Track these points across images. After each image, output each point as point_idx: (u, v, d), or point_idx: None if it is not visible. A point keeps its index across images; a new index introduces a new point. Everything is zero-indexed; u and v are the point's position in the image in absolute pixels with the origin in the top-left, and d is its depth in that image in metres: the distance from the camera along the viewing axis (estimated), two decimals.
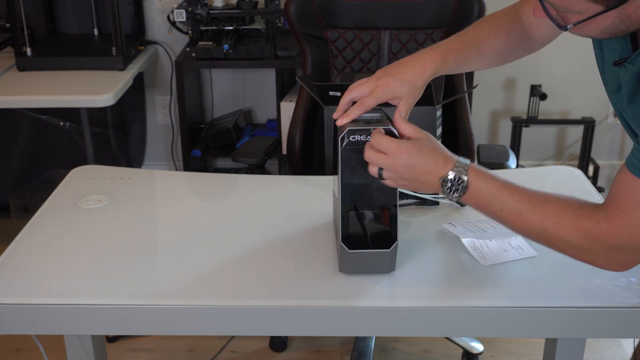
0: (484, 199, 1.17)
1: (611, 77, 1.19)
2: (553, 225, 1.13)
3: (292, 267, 1.34)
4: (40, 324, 1.26)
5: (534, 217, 1.14)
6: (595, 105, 3.13)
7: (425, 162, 1.18)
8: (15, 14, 2.60)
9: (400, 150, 1.17)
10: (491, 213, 1.19)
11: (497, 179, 1.18)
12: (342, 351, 2.33)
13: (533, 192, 1.17)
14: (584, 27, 1.07)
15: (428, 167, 1.18)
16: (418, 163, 1.17)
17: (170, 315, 1.24)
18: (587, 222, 1.11)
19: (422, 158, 1.17)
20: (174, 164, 3.27)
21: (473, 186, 1.17)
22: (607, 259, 1.13)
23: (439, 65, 1.33)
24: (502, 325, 1.25)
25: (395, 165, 1.17)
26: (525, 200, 1.15)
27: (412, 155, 1.17)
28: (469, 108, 2.13)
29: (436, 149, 1.20)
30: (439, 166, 1.18)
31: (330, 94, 1.84)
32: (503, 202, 1.16)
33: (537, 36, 1.41)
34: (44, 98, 2.45)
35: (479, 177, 1.17)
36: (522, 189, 1.17)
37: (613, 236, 1.10)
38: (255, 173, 2.04)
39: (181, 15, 2.73)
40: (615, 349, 2.35)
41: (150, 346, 2.36)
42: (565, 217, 1.13)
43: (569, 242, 1.13)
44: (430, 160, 1.18)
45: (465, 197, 1.18)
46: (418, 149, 1.18)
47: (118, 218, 1.52)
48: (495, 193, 1.16)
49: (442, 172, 1.17)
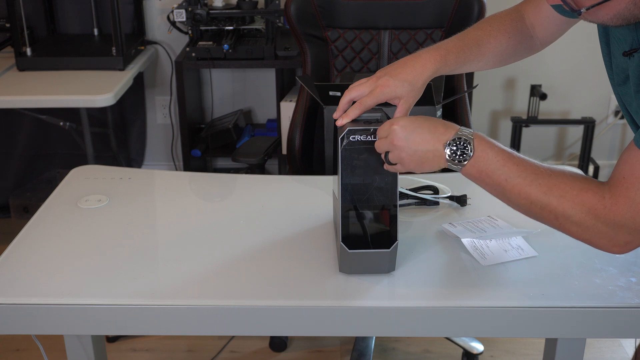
0: (488, 167, 1.15)
1: (618, 69, 1.19)
2: (557, 199, 1.11)
3: (292, 267, 1.34)
4: (40, 324, 1.26)
5: (538, 189, 1.12)
6: (595, 105, 3.13)
7: (422, 129, 1.17)
8: (15, 14, 2.60)
9: (393, 125, 1.17)
10: (494, 183, 1.16)
11: (503, 148, 1.16)
12: (342, 351, 2.33)
13: (539, 165, 1.15)
14: (597, 12, 1.05)
15: (426, 135, 1.17)
16: (414, 132, 1.17)
17: (170, 315, 1.24)
18: (592, 197, 1.10)
19: (417, 127, 1.17)
20: (174, 164, 3.27)
21: (479, 151, 1.15)
22: (609, 238, 1.11)
23: (439, 65, 1.33)
24: (502, 325, 1.25)
25: (394, 142, 1.17)
26: (531, 171, 1.13)
27: (406, 125, 1.17)
28: (469, 108, 2.13)
29: (433, 120, 1.19)
30: (439, 132, 1.17)
31: (330, 94, 1.84)
32: (508, 171, 1.14)
33: (539, 36, 1.41)
34: (44, 98, 2.45)
35: (485, 144, 1.16)
36: (528, 160, 1.15)
37: (617, 213, 1.08)
38: (255, 173, 2.04)
39: (181, 15, 2.73)
40: (615, 349, 2.35)
41: (150, 346, 2.36)
42: (570, 191, 1.11)
43: (571, 217, 1.11)
44: (427, 128, 1.17)
45: (470, 164, 1.15)
46: (412, 120, 1.18)
47: (118, 218, 1.52)
48: (501, 162, 1.14)
49: (445, 137, 1.16)
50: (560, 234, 1.32)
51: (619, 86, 1.20)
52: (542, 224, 1.16)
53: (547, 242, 1.39)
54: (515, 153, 1.16)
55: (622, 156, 1.11)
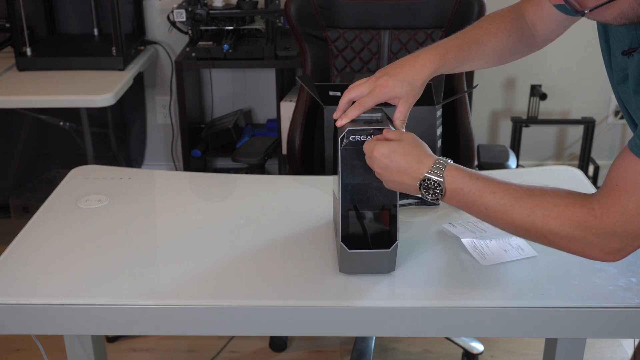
0: (465, 200, 1.16)
1: (617, 68, 1.19)
2: (542, 218, 1.11)
3: (292, 267, 1.34)
4: (40, 324, 1.26)
5: (519, 212, 1.12)
6: (595, 105, 3.13)
7: (398, 163, 1.18)
8: (15, 14, 2.60)
9: (374, 152, 1.19)
10: (476, 213, 1.17)
11: (477, 177, 1.16)
12: (342, 351, 2.33)
13: (517, 187, 1.14)
14: (602, 12, 1.04)
15: (402, 169, 1.18)
16: (391, 164, 1.18)
17: (170, 315, 1.24)
18: (579, 211, 1.09)
19: (394, 159, 1.18)
20: (174, 164, 3.27)
21: (452, 187, 1.15)
22: (600, 247, 1.10)
23: (439, 65, 1.33)
24: (502, 325, 1.25)
25: (374, 167, 1.20)
26: (509, 196, 1.13)
27: (385, 155, 1.18)
28: (469, 108, 2.13)
29: (413, 151, 1.19)
30: (413, 168, 1.17)
31: (330, 94, 1.84)
32: (486, 200, 1.14)
33: (540, 34, 1.40)
34: (44, 98, 2.45)
35: (459, 177, 1.16)
36: (505, 184, 1.15)
37: (608, 222, 1.07)
38: (255, 173, 2.04)
39: (181, 15, 2.73)
40: (615, 349, 2.35)
41: (150, 346, 2.36)
42: (554, 209, 1.10)
43: (559, 233, 1.11)
44: (403, 162, 1.18)
45: (447, 199, 1.17)
46: (391, 150, 1.18)
47: (118, 218, 1.52)
48: (477, 193, 1.14)
49: (417, 174, 1.17)
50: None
51: (618, 85, 1.20)
52: None
53: None
54: (492, 178, 1.16)
55: (615, 162, 1.10)
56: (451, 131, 2.10)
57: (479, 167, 1.98)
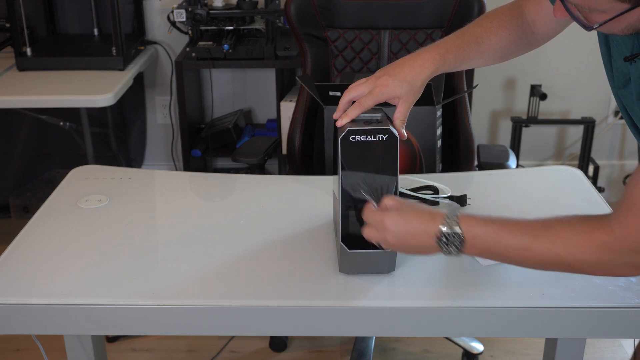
0: (485, 245, 1.13)
1: (619, 73, 1.19)
2: (564, 249, 1.09)
3: (292, 267, 1.34)
4: (40, 324, 1.26)
5: (540, 247, 1.10)
6: (595, 105, 3.13)
7: (412, 225, 1.15)
8: (15, 14, 2.60)
9: (384, 223, 1.16)
10: (498, 256, 1.15)
11: (492, 221, 1.14)
12: (342, 351, 2.33)
13: (532, 222, 1.12)
14: (609, 26, 1.04)
15: (417, 229, 1.15)
16: (406, 229, 1.15)
17: (170, 315, 1.24)
18: (599, 235, 1.07)
19: (407, 223, 1.15)
20: (174, 164, 3.27)
21: (470, 235, 1.13)
22: (627, 265, 1.09)
23: (438, 64, 1.33)
24: (502, 325, 1.25)
25: (386, 239, 1.17)
26: (527, 233, 1.11)
27: (398, 223, 1.15)
28: (469, 108, 2.13)
29: (421, 210, 1.17)
30: (428, 224, 1.14)
31: (330, 94, 1.84)
32: (506, 241, 1.12)
33: (540, 31, 1.40)
34: (44, 98, 2.45)
35: (474, 224, 1.13)
36: (520, 222, 1.13)
37: (631, 240, 1.05)
38: (255, 173, 2.04)
39: (181, 15, 2.73)
40: (615, 349, 2.35)
41: (150, 346, 2.36)
42: (575, 237, 1.09)
43: (585, 260, 1.09)
44: (417, 222, 1.15)
45: (467, 249, 1.14)
46: (402, 216, 1.16)
47: (118, 218, 1.52)
48: (495, 236, 1.12)
49: (433, 229, 1.14)
50: None
51: (619, 89, 1.20)
52: None
53: None
54: (505, 219, 1.14)
55: (631, 180, 1.07)
56: (451, 131, 2.10)
57: (479, 167, 1.98)
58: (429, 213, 1.16)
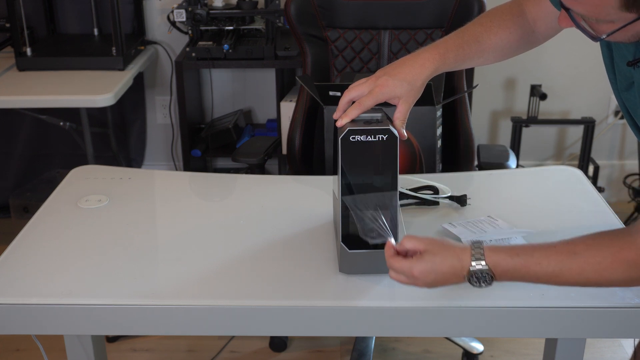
0: (514, 277, 1.14)
1: (622, 76, 1.18)
2: (594, 273, 1.10)
3: (292, 267, 1.34)
4: (40, 324, 1.26)
5: (570, 275, 1.11)
6: (595, 105, 3.13)
7: (441, 270, 1.14)
8: (15, 14, 2.60)
9: (413, 273, 1.14)
10: (529, 283, 1.15)
11: (517, 253, 1.13)
12: (342, 351, 2.33)
13: (558, 249, 1.12)
14: (616, 35, 1.04)
15: (447, 273, 1.15)
16: (435, 276, 1.15)
17: (170, 315, 1.24)
18: (627, 254, 1.08)
19: (436, 269, 1.14)
20: (174, 164, 3.27)
21: (498, 271, 1.13)
22: None
23: (438, 64, 1.33)
24: (502, 325, 1.25)
25: (418, 284, 1.16)
26: (554, 262, 1.11)
27: (427, 272, 1.14)
28: (469, 108, 2.13)
29: (447, 252, 1.15)
30: (457, 268, 1.14)
31: (330, 94, 1.84)
32: (534, 273, 1.12)
33: (541, 30, 1.40)
34: (44, 98, 2.45)
35: (500, 259, 1.13)
36: (546, 250, 1.13)
37: None
38: (255, 173, 2.04)
39: (181, 15, 2.73)
40: (615, 349, 2.35)
41: (150, 346, 2.36)
42: (603, 261, 1.09)
43: (616, 280, 1.10)
44: (445, 266, 1.14)
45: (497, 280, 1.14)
46: (429, 262, 1.14)
47: (118, 218, 1.52)
48: (522, 269, 1.13)
49: (462, 271, 1.13)
50: (560, 234, 1.31)
51: (622, 92, 1.19)
52: (541, 225, 1.15)
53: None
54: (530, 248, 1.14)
55: None
56: (451, 131, 2.10)
57: (479, 167, 1.98)
58: (454, 254, 1.14)
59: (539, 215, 1.51)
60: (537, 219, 1.49)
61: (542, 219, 1.49)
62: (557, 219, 1.49)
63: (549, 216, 1.51)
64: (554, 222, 1.48)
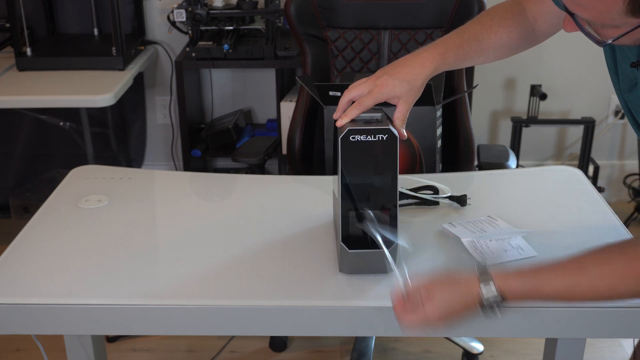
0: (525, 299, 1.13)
1: (625, 77, 1.18)
2: (606, 288, 1.09)
3: (292, 267, 1.34)
4: (40, 324, 1.26)
5: (582, 292, 1.10)
6: (595, 105, 3.13)
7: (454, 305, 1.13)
8: (15, 14, 2.60)
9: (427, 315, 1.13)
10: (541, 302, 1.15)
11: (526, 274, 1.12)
12: (342, 351, 2.33)
13: (567, 266, 1.11)
14: (621, 40, 1.03)
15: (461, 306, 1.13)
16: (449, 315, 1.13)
17: (170, 315, 1.24)
18: (638, 266, 1.07)
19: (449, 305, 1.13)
20: (174, 164, 3.27)
21: (510, 295, 1.12)
22: None
23: (438, 64, 1.33)
24: (502, 325, 1.25)
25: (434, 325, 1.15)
26: (566, 281, 1.11)
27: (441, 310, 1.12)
28: (469, 108, 2.13)
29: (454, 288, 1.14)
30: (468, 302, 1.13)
31: (330, 94, 1.84)
32: (545, 293, 1.12)
33: (542, 29, 1.39)
34: (44, 98, 2.45)
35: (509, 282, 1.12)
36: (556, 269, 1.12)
37: None
38: (255, 173, 2.04)
39: (181, 15, 2.73)
40: (615, 349, 2.35)
41: (150, 346, 2.36)
42: (614, 274, 1.09)
43: (629, 292, 1.10)
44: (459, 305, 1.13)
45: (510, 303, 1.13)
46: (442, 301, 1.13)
47: (118, 218, 1.52)
48: (533, 291, 1.12)
49: (474, 303, 1.12)
50: (560, 234, 1.32)
51: (625, 93, 1.19)
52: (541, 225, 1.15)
53: (547, 242, 1.39)
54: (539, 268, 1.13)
55: None
56: (451, 131, 2.10)
57: (479, 167, 1.98)
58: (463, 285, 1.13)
59: (539, 215, 1.51)
60: (537, 219, 1.49)
61: (542, 219, 1.49)
62: (557, 219, 1.49)
63: (549, 216, 1.51)
64: (554, 222, 1.48)
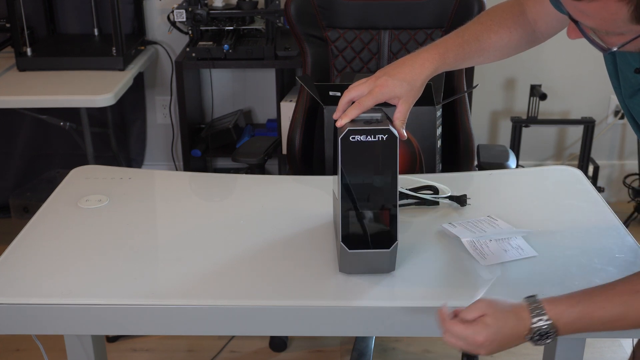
0: (578, 327, 1.11)
1: (626, 82, 1.18)
2: None
3: (292, 267, 1.34)
4: (40, 324, 1.26)
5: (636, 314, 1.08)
6: (595, 105, 3.13)
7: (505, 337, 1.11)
8: (15, 14, 2.60)
9: (476, 340, 1.11)
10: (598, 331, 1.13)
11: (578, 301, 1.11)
12: (342, 351, 2.33)
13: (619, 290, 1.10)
14: (625, 47, 1.02)
15: (511, 339, 1.11)
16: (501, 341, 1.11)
17: (170, 315, 1.24)
18: None
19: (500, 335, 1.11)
20: (174, 164, 3.27)
21: (562, 323, 1.10)
22: None
23: (438, 64, 1.33)
24: None
25: (480, 352, 1.13)
26: (618, 305, 1.09)
27: (491, 340, 1.10)
28: (469, 108, 2.13)
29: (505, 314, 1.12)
30: (519, 330, 1.11)
31: (330, 94, 1.84)
32: (599, 319, 1.10)
33: (542, 30, 1.39)
34: (44, 98, 2.45)
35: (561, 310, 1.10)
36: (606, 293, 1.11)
37: None
38: (255, 173, 2.04)
39: (181, 15, 2.73)
40: (615, 349, 2.35)
41: (150, 346, 2.36)
42: None
43: None
44: (509, 332, 1.11)
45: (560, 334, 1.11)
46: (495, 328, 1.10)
47: (118, 218, 1.52)
48: (586, 317, 1.10)
49: (525, 332, 1.10)
50: (560, 234, 1.32)
51: (627, 98, 1.19)
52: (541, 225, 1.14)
53: (547, 242, 1.39)
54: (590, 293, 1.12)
55: None
56: (451, 131, 2.10)
57: (479, 167, 1.98)
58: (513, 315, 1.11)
59: (539, 215, 1.51)
60: (537, 219, 1.49)
61: (542, 219, 1.49)
62: (557, 219, 1.49)
63: (549, 216, 1.51)
64: (554, 222, 1.48)
